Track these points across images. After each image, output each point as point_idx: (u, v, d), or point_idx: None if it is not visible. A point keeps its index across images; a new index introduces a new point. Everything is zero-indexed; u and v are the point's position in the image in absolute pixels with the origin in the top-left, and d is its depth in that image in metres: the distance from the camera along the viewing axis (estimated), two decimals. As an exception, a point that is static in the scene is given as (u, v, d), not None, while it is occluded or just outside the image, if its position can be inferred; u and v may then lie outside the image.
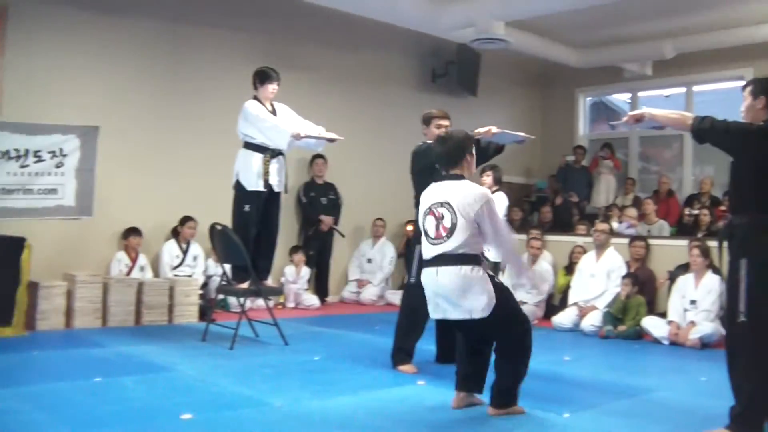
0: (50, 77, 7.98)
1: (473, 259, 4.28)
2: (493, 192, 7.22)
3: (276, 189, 6.83)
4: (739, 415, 3.98)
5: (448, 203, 4.33)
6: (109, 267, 8.22)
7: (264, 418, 4.22)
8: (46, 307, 7.13)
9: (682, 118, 4.28)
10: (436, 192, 4.45)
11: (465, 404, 4.58)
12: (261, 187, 6.69)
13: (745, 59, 10.95)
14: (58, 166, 7.52)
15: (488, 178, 7.57)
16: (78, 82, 8.17)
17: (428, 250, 4.42)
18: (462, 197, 4.31)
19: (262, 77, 6.79)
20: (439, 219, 4.35)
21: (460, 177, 4.43)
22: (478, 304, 4.23)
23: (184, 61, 9.05)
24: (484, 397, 4.56)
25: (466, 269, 4.25)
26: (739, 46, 10.58)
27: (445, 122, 5.79)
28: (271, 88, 6.78)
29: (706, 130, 4.11)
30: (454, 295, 4.27)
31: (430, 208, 4.42)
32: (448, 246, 4.29)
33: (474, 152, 4.54)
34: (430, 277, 4.40)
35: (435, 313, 4.48)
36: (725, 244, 4.22)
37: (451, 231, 4.29)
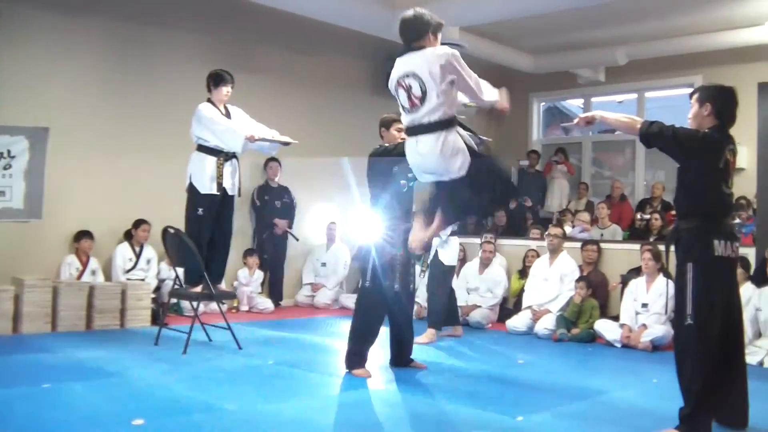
0: (-2, 77, 7.84)
1: (447, 123, 4.38)
2: None
3: (230, 192, 6.79)
4: (687, 415, 4.04)
5: (413, 72, 4.40)
6: (59, 271, 8.07)
7: (217, 423, 4.17)
8: (-8, 312, 6.99)
9: (631, 122, 4.35)
10: (400, 65, 4.53)
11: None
12: (214, 191, 6.64)
13: (695, 67, 11.16)
14: (5, 168, 7.40)
15: None
16: (27, 82, 8.01)
17: (406, 121, 4.56)
18: (424, 61, 4.37)
19: (216, 80, 6.74)
20: (408, 89, 4.45)
21: (422, 47, 4.44)
22: (454, 165, 4.35)
23: (137, 62, 8.92)
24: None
25: (441, 134, 4.35)
26: (689, 54, 10.79)
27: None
28: (225, 90, 6.74)
29: (654, 135, 4.18)
30: (433, 160, 4.38)
31: (398, 81, 4.52)
32: (422, 114, 4.41)
33: (439, 35, 4.58)
34: (411, 147, 4.53)
35: (422, 179, 4.67)
36: (672, 248, 4.28)
37: (422, 99, 4.39)
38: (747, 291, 7.06)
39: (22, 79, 7.98)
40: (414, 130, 4.48)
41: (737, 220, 9.19)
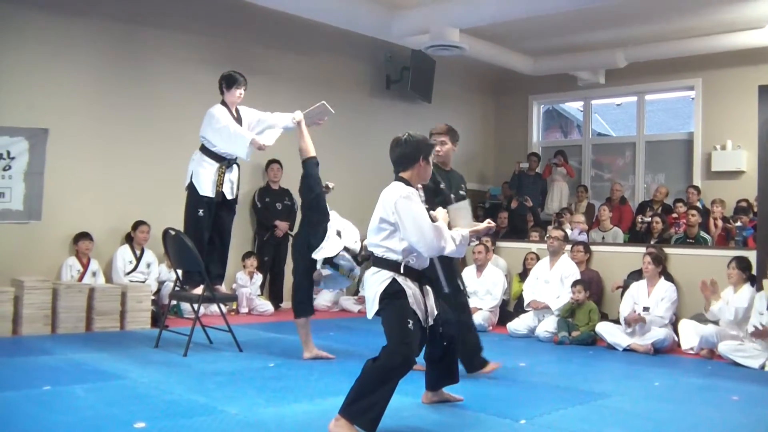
0: (-2, 78, 7.81)
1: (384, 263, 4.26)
2: None
3: (229, 196, 6.77)
4: None
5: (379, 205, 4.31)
6: (60, 272, 8.05)
7: (219, 425, 4.15)
8: (-8, 314, 6.97)
9: None
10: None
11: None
12: (213, 194, 6.63)
13: (695, 69, 11.19)
14: (5, 169, 7.37)
15: None
16: (27, 84, 8.00)
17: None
18: (383, 198, 4.29)
19: (229, 81, 6.70)
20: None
21: (401, 179, 4.34)
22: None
23: (137, 63, 8.91)
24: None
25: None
26: (689, 57, 10.80)
27: (441, 138, 5.83)
28: (238, 92, 6.71)
29: None
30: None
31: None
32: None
33: (430, 160, 4.47)
34: None
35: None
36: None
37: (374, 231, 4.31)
38: (746, 293, 7.06)
39: (22, 81, 7.96)
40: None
41: (738, 224, 9.20)
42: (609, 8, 9.20)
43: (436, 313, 4.41)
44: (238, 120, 6.70)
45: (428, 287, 4.40)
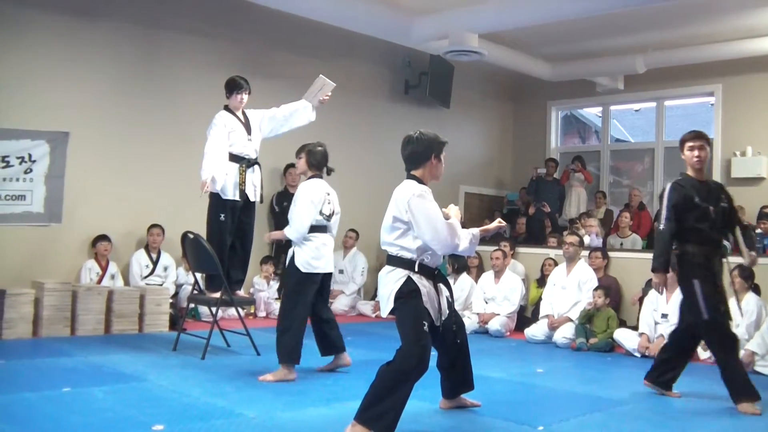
0: (19, 81, 7.87)
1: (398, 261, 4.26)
2: (308, 178, 6.39)
3: (251, 199, 6.77)
4: None
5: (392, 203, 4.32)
6: (79, 275, 8.11)
7: (237, 429, 4.16)
8: (13, 316, 7.02)
9: None
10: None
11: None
12: (237, 197, 6.63)
13: (714, 75, 11.13)
14: (26, 172, 7.43)
15: (300, 161, 6.29)
16: (48, 87, 8.06)
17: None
18: (396, 197, 4.30)
19: (231, 87, 6.72)
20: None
21: (413, 177, 4.35)
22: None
23: (156, 67, 8.97)
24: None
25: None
26: (709, 63, 10.75)
27: (697, 142, 5.53)
28: (240, 97, 6.72)
29: None
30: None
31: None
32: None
33: (442, 158, 4.45)
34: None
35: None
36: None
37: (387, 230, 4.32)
38: (752, 303, 7.01)
39: (43, 84, 8.03)
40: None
41: (758, 230, 9.13)
42: (628, 14, 9.18)
43: (448, 312, 4.40)
44: (246, 124, 6.72)
45: (442, 285, 4.40)
